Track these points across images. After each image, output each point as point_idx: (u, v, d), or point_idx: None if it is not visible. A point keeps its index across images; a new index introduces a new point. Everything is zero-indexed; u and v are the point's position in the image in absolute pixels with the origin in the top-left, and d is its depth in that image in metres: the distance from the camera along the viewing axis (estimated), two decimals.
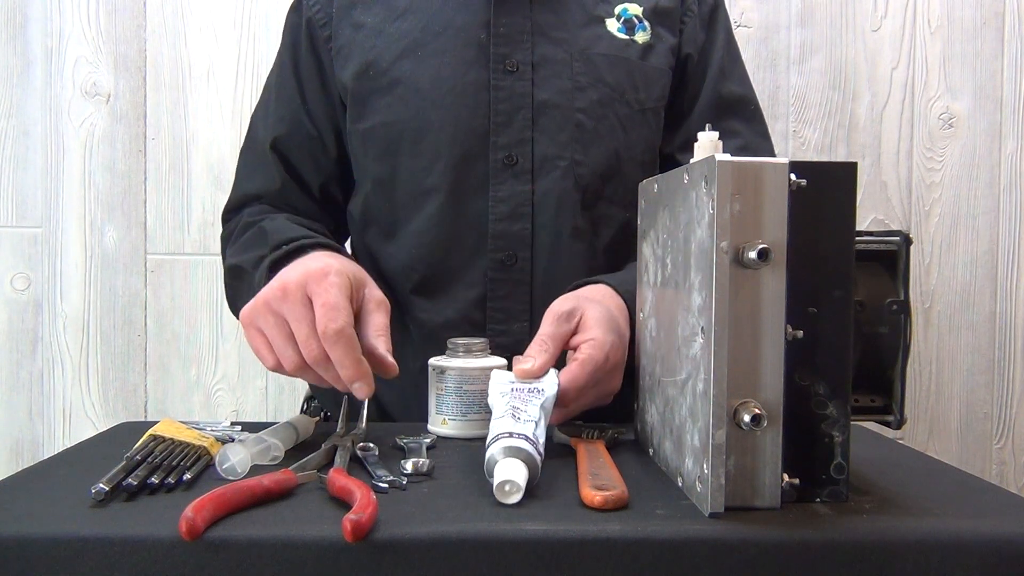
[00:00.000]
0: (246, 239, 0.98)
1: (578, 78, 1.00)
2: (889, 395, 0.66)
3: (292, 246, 0.88)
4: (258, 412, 1.51)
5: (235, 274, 0.98)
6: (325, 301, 0.74)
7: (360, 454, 0.73)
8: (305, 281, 0.76)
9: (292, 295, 0.76)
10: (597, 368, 0.80)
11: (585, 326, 0.83)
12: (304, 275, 0.77)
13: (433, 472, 0.69)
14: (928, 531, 0.58)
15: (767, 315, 0.59)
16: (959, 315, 1.54)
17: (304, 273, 0.77)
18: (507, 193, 0.98)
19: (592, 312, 0.84)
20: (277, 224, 0.97)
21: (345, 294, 0.76)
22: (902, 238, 0.65)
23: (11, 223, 1.49)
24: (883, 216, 1.53)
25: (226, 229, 1.09)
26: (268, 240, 0.92)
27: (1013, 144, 1.53)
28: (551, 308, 0.84)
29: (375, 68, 1.00)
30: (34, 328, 1.49)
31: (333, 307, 0.74)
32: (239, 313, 0.82)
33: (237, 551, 0.55)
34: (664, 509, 0.61)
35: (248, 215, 1.04)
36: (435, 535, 0.56)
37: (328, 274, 0.76)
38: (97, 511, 0.60)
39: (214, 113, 1.49)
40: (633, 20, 1.04)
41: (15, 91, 1.48)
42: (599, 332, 0.82)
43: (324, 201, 1.09)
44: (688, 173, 0.65)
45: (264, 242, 0.93)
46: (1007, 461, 1.56)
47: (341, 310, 0.74)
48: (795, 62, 1.52)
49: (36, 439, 1.50)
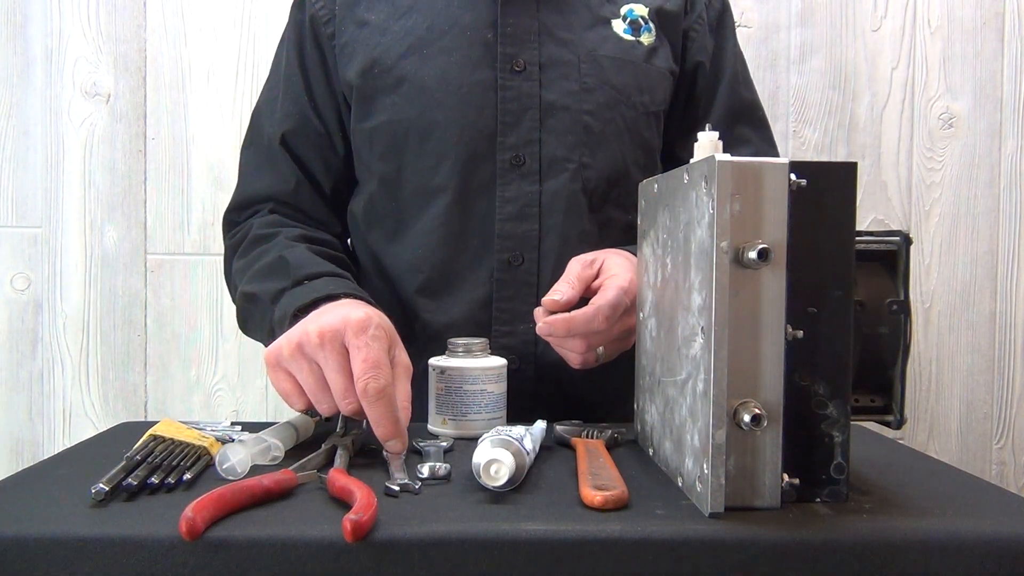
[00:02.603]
0: (264, 267, 0.94)
1: (585, 80, 1.00)
2: (889, 395, 0.66)
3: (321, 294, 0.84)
4: (258, 412, 1.51)
5: (249, 300, 0.95)
6: (367, 357, 0.72)
7: (385, 456, 0.72)
8: (344, 330, 0.74)
9: (329, 344, 0.74)
10: (622, 291, 0.84)
11: (606, 270, 0.89)
12: (343, 323, 0.74)
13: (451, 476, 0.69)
14: (928, 531, 0.58)
15: (767, 315, 0.59)
16: (959, 315, 1.54)
17: (343, 321, 0.74)
18: (514, 193, 0.98)
19: (612, 259, 0.90)
20: (299, 255, 0.93)
21: (385, 350, 0.75)
22: (902, 238, 0.65)
23: (11, 223, 1.49)
24: (883, 216, 1.53)
25: (232, 235, 1.06)
26: (291, 272, 0.90)
27: (1013, 144, 1.53)
28: (574, 258, 0.91)
29: (380, 66, 1.00)
30: (34, 328, 1.49)
31: (375, 364, 0.72)
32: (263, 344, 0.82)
33: (237, 551, 0.55)
34: (664, 509, 0.61)
35: (259, 227, 1.01)
36: (435, 535, 0.56)
37: (369, 327, 0.74)
38: (97, 511, 0.60)
39: (214, 113, 1.49)
40: (639, 21, 1.04)
41: (15, 91, 1.48)
42: (619, 271, 0.87)
43: (335, 203, 1.07)
44: (688, 173, 0.65)
45: (285, 274, 0.90)
46: (1007, 461, 1.56)
47: (383, 368, 0.72)
48: (795, 62, 1.52)
49: (36, 439, 1.50)
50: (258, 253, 0.98)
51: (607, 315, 0.83)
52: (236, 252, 1.02)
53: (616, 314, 0.84)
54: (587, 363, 0.87)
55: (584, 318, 0.83)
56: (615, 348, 0.88)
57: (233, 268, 1.03)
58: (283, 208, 1.04)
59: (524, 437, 0.67)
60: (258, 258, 0.97)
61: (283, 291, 0.88)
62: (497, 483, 0.62)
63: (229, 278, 1.05)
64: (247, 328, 1.00)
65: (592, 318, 0.83)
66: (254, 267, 0.96)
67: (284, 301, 0.87)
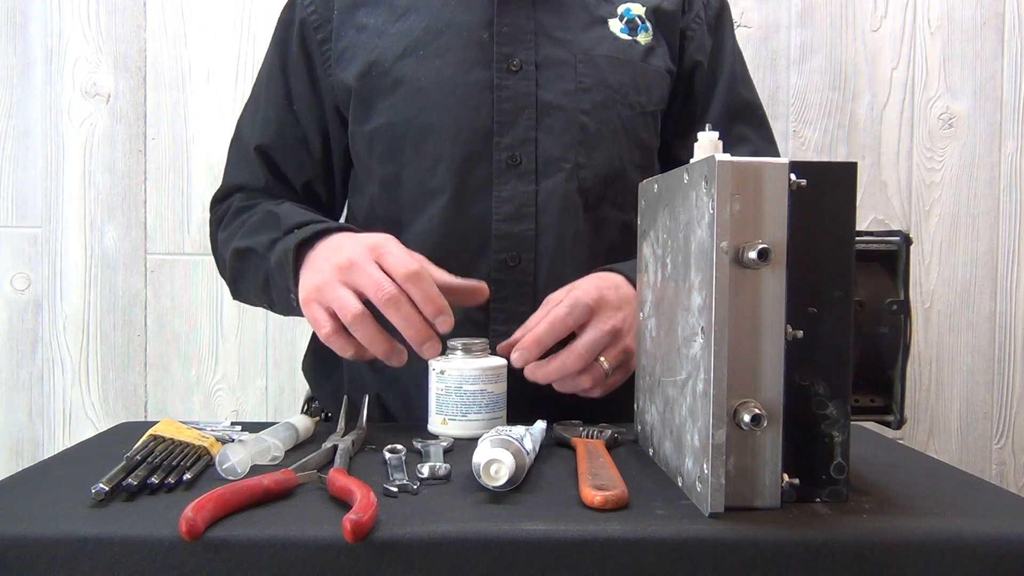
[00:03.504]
0: (254, 223, 0.99)
1: (582, 79, 0.99)
2: (889, 395, 0.66)
3: (320, 227, 0.90)
4: (258, 412, 1.51)
5: (240, 256, 0.99)
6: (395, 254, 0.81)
7: (386, 455, 0.72)
8: (365, 250, 0.82)
9: (360, 260, 0.81)
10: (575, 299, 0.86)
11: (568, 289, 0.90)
12: (362, 245, 0.82)
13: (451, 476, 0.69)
14: (928, 531, 0.58)
15: (767, 315, 0.59)
16: (959, 315, 1.54)
17: (361, 244, 0.83)
18: (511, 193, 0.98)
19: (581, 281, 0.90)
20: (287, 208, 0.98)
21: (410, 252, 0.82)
22: (902, 238, 0.65)
23: (11, 223, 1.49)
24: (883, 216, 1.53)
25: (215, 214, 1.11)
26: (282, 223, 0.94)
27: (1013, 144, 1.53)
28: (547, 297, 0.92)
29: (377, 68, 1.00)
30: (34, 328, 1.49)
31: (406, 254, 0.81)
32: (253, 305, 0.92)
33: (237, 551, 0.55)
34: (664, 509, 0.61)
35: (239, 200, 1.06)
36: (435, 535, 0.56)
37: (390, 240, 0.83)
38: (97, 511, 0.60)
39: (214, 113, 1.49)
40: (636, 20, 1.04)
41: (15, 91, 1.48)
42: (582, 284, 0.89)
43: (306, 197, 1.10)
44: (688, 173, 0.65)
45: (276, 225, 0.95)
46: (1007, 461, 1.56)
47: (416, 256, 0.81)
48: (795, 62, 1.52)
49: (36, 439, 1.50)
50: (242, 220, 1.02)
51: (564, 314, 0.85)
52: (220, 226, 1.07)
53: (574, 312, 0.85)
54: (598, 380, 0.87)
55: (546, 326, 0.86)
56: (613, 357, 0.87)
57: (219, 239, 1.07)
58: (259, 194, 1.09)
59: (524, 437, 0.67)
60: (244, 223, 1.01)
61: (275, 241, 0.93)
62: (497, 483, 0.62)
63: (215, 250, 1.09)
64: (238, 288, 1.04)
65: (552, 323, 0.85)
66: (243, 227, 1.00)
67: (279, 247, 0.91)
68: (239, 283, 1.03)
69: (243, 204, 1.05)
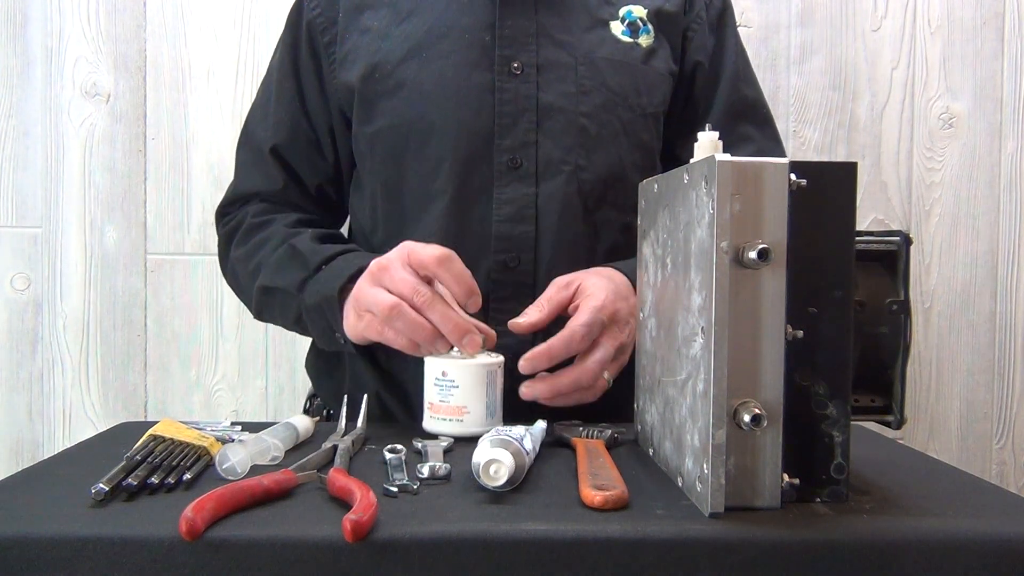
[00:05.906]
0: (278, 260, 0.99)
1: (582, 82, 1.00)
2: (889, 395, 0.66)
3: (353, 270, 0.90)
4: (258, 412, 1.51)
5: (268, 293, 1.00)
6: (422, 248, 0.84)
7: (386, 455, 0.72)
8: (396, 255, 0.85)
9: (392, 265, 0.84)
10: (596, 310, 0.85)
11: (582, 291, 0.89)
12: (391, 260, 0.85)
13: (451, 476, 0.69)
14: (928, 531, 0.58)
15: (767, 315, 0.59)
16: (959, 315, 1.54)
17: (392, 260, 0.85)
18: (511, 195, 0.98)
19: (589, 279, 0.90)
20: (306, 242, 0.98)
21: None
22: (902, 238, 0.65)
23: (11, 223, 1.49)
24: (883, 216, 1.53)
25: (225, 223, 1.10)
26: (308, 261, 0.95)
27: (1013, 144, 1.53)
28: (554, 280, 0.92)
29: (380, 71, 1.00)
30: (34, 328, 1.49)
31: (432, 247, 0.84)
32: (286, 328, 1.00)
33: (237, 551, 0.55)
34: (664, 509, 0.61)
35: (253, 215, 1.06)
36: (435, 535, 0.56)
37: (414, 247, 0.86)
38: (97, 511, 0.60)
39: (214, 113, 1.49)
40: (637, 23, 1.03)
41: (15, 91, 1.48)
42: (595, 291, 0.88)
43: (319, 199, 1.10)
44: (688, 173, 0.65)
45: (303, 264, 0.96)
46: (1007, 461, 1.56)
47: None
48: (795, 62, 1.52)
49: (36, 439, 1.50)
50: (259, 240, 1.02)
51: (583, 335, 0.84)
52: (232, 240, 1.07)
53: (592, 332, 0.85)
54: (599, 392, 0.88)
55: (562, 343, 0.85)
56: (614, 369, 0.89)
57: (232, 256, 1.07)
58: (272, 201, 1.08)
59: (524, 437, 0.67)
60: (260, 245, 1.02)
61: (306, 280, 0.95)
62: (497, 483, 0.62)
63: (226, 264, 1.09)
64: (263, 316, 1.05)
65: (569, 340, 0.85)
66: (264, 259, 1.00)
67: (311, 288, 0.94)
68: (265, 315, 1.04)
69: (256, 220, 1.05)
